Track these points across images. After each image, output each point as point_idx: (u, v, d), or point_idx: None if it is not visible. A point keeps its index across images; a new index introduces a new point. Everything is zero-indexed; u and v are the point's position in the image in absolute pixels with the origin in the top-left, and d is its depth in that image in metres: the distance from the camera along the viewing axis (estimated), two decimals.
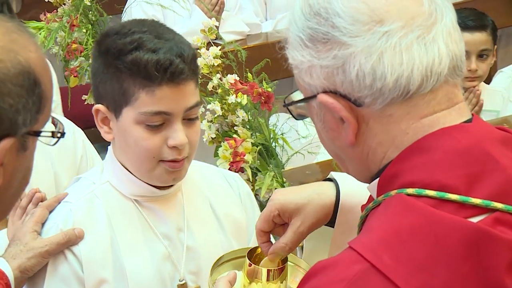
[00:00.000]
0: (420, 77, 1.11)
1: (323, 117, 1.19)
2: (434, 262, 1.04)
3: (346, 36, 1.12)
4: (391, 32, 1.11)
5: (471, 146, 1.11)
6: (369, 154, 1.18)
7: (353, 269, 1.06)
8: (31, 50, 1.11)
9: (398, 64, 1.10)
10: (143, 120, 1.67)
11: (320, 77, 1.16)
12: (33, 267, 1.71)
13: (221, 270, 1.64)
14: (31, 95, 1.09)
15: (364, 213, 1.20)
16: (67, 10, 3.98)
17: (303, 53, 1.17)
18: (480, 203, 1.07)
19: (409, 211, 1.08)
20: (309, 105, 1.21)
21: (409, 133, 1.14)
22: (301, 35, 1.17)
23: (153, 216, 1.81)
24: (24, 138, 1.10)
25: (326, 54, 1.14)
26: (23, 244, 1.72)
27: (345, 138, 1.17)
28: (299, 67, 1.19)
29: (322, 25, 1.14)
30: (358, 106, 1.14)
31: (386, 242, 1.07)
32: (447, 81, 1.14)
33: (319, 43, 1.15)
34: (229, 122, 2.77)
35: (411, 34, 1.11)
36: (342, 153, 1.23)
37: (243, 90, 2.71)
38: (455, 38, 1.15)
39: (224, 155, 2.63)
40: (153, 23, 1.75)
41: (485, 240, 1.04)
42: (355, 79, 1.12)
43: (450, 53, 1.13)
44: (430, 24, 1.13)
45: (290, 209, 1.50)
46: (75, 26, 3.85)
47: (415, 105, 1.13)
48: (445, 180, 1.09)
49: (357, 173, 1.25)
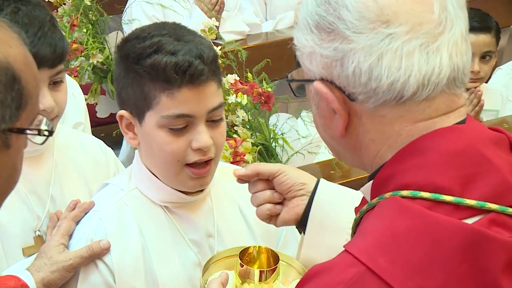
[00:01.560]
0: (416, 85, 1.10)
1: (318, 103, 1.20)
2: (430, 264, 1.04)
3: (350, 30, 1.11)
4: (395, 35, 1.10)
5: (465, 147, 1.11)
6: (361, 148, 1.18)
7: (350, 273, 1.05)
8: (11, 45, 1.09)
9: (396, 68, 1.10)
10: (165, 123, 1.65)
11: (318, 65, 1.16)
12: (56, 281, 1.70)
13: (212, 270, 1.64)
14: (9, 91, 1.07)
15: (358, 215, 1.20)
16: (67, 10, 3.98)
17: (307, 38, 1.17)
18: (475, 204, 1.07)
19: (404, 213, 1.08)
20: (307, 87, 1.22)
21: (403, 134, 1.14)
22: (309, 19, 1.17)
23: (183, 223, 1.78)
24: (5, 135, 1.08)
25: (328, 44, 1.14)
26: (47, 258, 1.71)
27: (336, 129, 1.18)
28: (302, 50, 1.19)
29: (329, 14, 1.14)
30: (352, 100, 1.14)
31: (382, 245, 1.06)
32: (444, 91, 1.13)
33: (323, 32, 1.15)
34: (229, 122, 2.77)
35: (415, 40, 1.10)
36: (333, 142, 1.23)
37: (243, 90, 2.71)
38: (461, 50, 1.13)
39: (224, 155, 2.63)
40: (173, 25, 1.74)
41: (480, 241, 1.04)
42: (351, 75, 1.12)
43: (452, 65, 1.12)
44: (438, 33, 1.11)
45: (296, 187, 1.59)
46: (75, 26, 3.85)
47: (408, 110, 1.12)
48: (439, 181, 1.09)
49: (348, 160, 1.26)
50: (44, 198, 1.94)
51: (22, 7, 1.76)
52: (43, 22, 1.77)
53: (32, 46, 1.69)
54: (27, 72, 1.11)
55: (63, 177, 1.99)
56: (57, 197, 1.96)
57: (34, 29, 1.75)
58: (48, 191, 1.95)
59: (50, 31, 1.78)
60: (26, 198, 1.90)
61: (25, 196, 1.90)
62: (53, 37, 1.78)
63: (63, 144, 2.02)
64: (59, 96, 1.84)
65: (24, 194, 1.90)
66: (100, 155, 2.11)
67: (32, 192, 1.92)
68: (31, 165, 1.89)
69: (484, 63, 3.41)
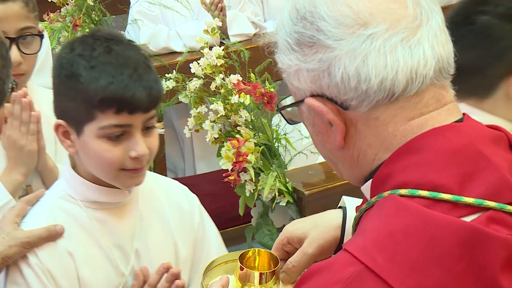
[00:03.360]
0: (405, 80, 1.11)
1: (312, 120, 1.20)
2: (428, 262, 1.04)
3: (330, 39, 1.12)
4: (375, 35, 1.11)
5: (463, 145, 1.11)
6: (359, 156, 1.18)
7: (348, 271, 1.06)
8: None
9: (382, 66, 1.10)
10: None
11: (307, 81, 1.16)
12: (14, 255, 1.74)
13: (212, 275, 1.63)
14: None
15: (358, 214, 1.20)
16: (70, 10, 3.99)
17: (290, 57, 1.18)
18: (473, 202, 1.07)
19: (402, 211, 1.08)
20: (299, 109, 1.22)
21: (397, 135, 1.14)
22: (289, 39, 1.17)
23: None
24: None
25: (312, 57, 1.14)
26: (5, 233, 1.75)
27: (334, 141, 1.18)
28: (287, 71, 1.19)
29: (308, 29, 1.15)
30: (345, 109, 1.14)
31: (380, 243, 1.07)
32: (434, 83, 1.14)
33: (305, 47, 1.15)
34: (232, 122, 2.77)
35: (395, 36, 1.11)
36: (333, 156, 1.23)
37: (246, 90, 2.70)
38: (441, 40, 1.15)
39: (227, 155, 2.62)
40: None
41: (479, 239, 1.04)
42: (340, 82, 1.12)
43: (436, 55, 1.13)
44: (415, 26, 1.12)
45: (297, 234, 1.55)
46: (78, 26, 3.85)
47: (401, 107, 1.13)
48: (437, 180, 1.09)
49: (349, 176, 1.26)
50: (129, 253, 1.84)
51: (114, 47, 1.68)
52: (137, 63, 1.69)
53: (128, 89, 1.64)
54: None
55: (148, 229, 1.87)
56: (142, 252, 1.85)
57: (129, 70, 1.66)
58: (132, 245, 1.84)
59: (146, 73, 1.69)
60: (110, 253, 1.81)
61: (108, 251, 1.81)
62: (148, 79, 1.69)
63: (147, 193, 1.91)
64: (151, 141, 1.75)
65: (107, 249, 1.81)
66: (185, 204, 1.98)
67: (116, 246, 1.83)
68: (116, 217, 1.83)
69: None
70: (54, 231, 1.75)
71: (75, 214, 1.79)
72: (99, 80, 1.63)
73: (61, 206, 1.80)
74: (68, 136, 1.74)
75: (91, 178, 1.78)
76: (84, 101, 1.65)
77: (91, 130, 1.68)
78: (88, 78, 1.64)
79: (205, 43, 2.84)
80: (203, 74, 2.76)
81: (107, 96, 1.63)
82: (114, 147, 1.68)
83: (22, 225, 1.79)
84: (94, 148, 1.69)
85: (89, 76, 1.64)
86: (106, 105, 1.64)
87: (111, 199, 1.80)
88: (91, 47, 1.67)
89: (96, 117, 1.66)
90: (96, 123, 1.67)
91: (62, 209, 1.80)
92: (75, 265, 1.76)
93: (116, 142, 1.68)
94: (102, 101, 1.64)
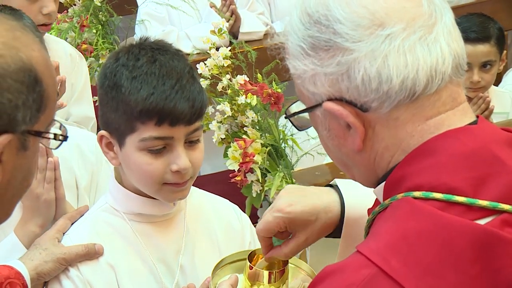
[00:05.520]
0: (426, 78, 1.11)
1: (328, 125, 1.19)
2: (442, 265, 1.04)
3: (348, 41, 1.12)
4: (393, 35, 1.10)
5: (477, 148, 1.11)
6: (376, 159, 1.18)
7: (362, 274, 1.05)
8: (34, 49, 1.10)
9: (403, 66, 1.10)
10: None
11: (324, 85, 1.15)
12: (50, 272, 1.71)
13: (221, 274, 1.64)
14: (31, 92, 1.08)
15: (371, 216, 1.20)
16: (77, 11, 4.00)
17: (305, 62, 1.17)
18: (488, 205, 1.07)
19: (416, 214, 1.08)
20: (313, 114, 1.21)
21: (415, 135, 1.14)
22: (302, 44, 1.16)
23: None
24: (24, 136, 1.10)
25: (329, 61, 1.14)
26: (42, 249, 1.73)
27: (352, 144, 1.17)
28: (302, 77, 1.18)
29: (323, 32, 1.14)
30: (365, 111, 1.14)
31: (394, 246, 1.06)
32: (451, 80, 1.14)
33: (321, 51, 1.14)
34: (238, 123, 2.77)
35: (413, 35, 1.11)
36: (348, 160, 1.22)
37: (253, 91, 2.71)
38: (455, 37, 1.15)
39: (234, 156, 2.63)
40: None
41: (493, 242, 1.04)
42: (360, 84, 1.12)
43: (452, 52, 1.13)
44: (431, 24, 1.13)
45: (297, 224, 1.48)
46: (85, 26, 3.87)
47: (420, 106, 1.13)
48: (452, 182, 1.08)
49: (363, 179, 1.25)
50: (174, 268, 1.79)
51: (159, 57, 1.64)
52: (181, 74, 1.64)
53: (169, 100, 1.60)
54: (48, 76, 1.12)
55: (195, 244, 1.82)
56: (187, 267, 1.81)
57: (172, 81, 1.62)
58: (178, 260, 1.80)
59: (189, 83, 1.64)
60: (153, 267, 1.76)
61: (152, 265, 1.76)
62: (191, 90, 1.64)
63: (195, 207, 1.86)
64: (195, 155, 1.69)
65: (151, 263, 1.76)
66: (235, 222, 1.92)
67: (161, 261, 1.78)
68: (161, 231, 1.79)
69: (485, 72, 3.35)
70: (93, 249, 1.72)
71: (118, 227, 1.76)
72: (140, 91, 1.60)
73: (105, 218, 1.77)
74: (111, 147, 1.70)
75: (135, 190, 1.74)
76: (125, 112, 1.62)
77: (133, 142, 1.64)
78: (129, 88, 1.61)
79: (212, 44, 2.84)
80: (209, 74, 2.76)
81: (147, 107, 1.60)
82: (155, 160, 1.64)
83: (64, 237, 1.77)
84: (136, 161, 1.65)
85: (130, 86, 1.61)
86: (146, 117, 1.60)
87: (155, 211, 1.77)
88: (135, 57, 1.64)
89: (137, 128, 1.62)
90: (137, 135, 1.63)
91: (105, 221, 1.77)
92: (117, 278, 1.72)
93: (158, 155, 1.64)
94: (142, 113, 1.60)
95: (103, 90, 1.67)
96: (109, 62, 1.68)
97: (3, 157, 1.08)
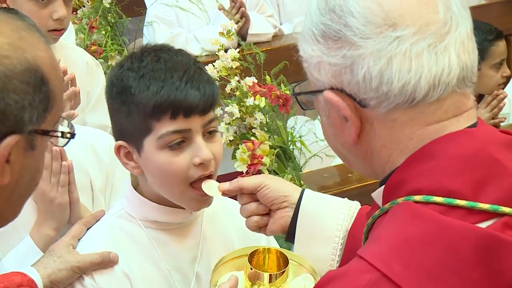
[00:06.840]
0: (427, 86, 1.10)
1: (328, 112, 1.19)
2: (444, 270, 1.03)
3: (357, 36, 1.11)
4: (402, 38, 1.10)
5: (476, 151, 1.10)
6: (373, 155, 1.18)
7: (364, 279, 1.05)
8: (39, 49, 1.10)
9: (406, 70, 1.10)
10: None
11: (327, 74, 1.15)
12: (63, 280, 1.70)
13: (222, 271, 1.64)
14: (37, 93, 1.08)
15: (371, 220, 1.19)
16: (86, 12, 4.01)
17: (313, 48, 1.17)
18: (488, 208, 1.07)
19: (417, 218, 1.07)
20: (316, 98, 1.21)
21: (414, 138, 1.13)
22: (314, 29, 1.16)
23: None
24: (31, 136, 1.10)
25: (335, 52, 1.13)
26: (57, 256, 1.72)
27: (348, 136, 1.17)
28: (309, 61, 1.19)
29: (335, 22, 1.13)
30: (363, 107, 1.14)
31: (396, 251, 1.06)
32: (455, 91, 1.12)
33: (330, 40, 1.14)
34: (247, 125, 2.77)
35: (423, 41, 1.10)
36: (343, 150, 1.23)
37: (261, 92, 2.70)
38: (468, 48, 1.13)
39: (242, 158, 2.62)
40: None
41: (494, 245, 1.04)
42: (361, 81, 1.12)
43: (461, 64, 1.12)
44: (444, 33, 1.11)
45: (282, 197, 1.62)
46: (94, 28, 3.87)
47: (420, 112, 1.12)
48: (452, 186, 1.08)
49: (359, 168, 1.26)
50: (189, 276, 1.77)
51: (162, 55, 1.65)
52: (187, 66, 1.64)
53: (180, 90, 1.59)
54: (54, 75, 1.12)
55: (211, 252, 1.79)
56: (203, 276, 1.77)
57: (179, 73, 1.61)
58: (194, 268, 1.77)
59: (196, 74, 1.64)
60: (169, 275, 1.74)
61: (168, 274, 1.74)
62: (200, 79, 1.63)
63: (211, 214, 1.83)
64: (215, 147, 1.67)
65: (166, 271, 1.74)
66: None
67: (176, 269, 1.76)
68: (177, 238, 1.76)
69: None
70: (108, 258, 1.70)
71: (133, 234, 1.74)
72: (150, 87, 1.59)
73: (120, 225, 1.75)
74: (131, 157, 1.68)
75: (153, 198, 1.72)
76: (138, 113, 1.61)
77: (151, 142, 1.62)
78: (138, 88, 1.60)
79: (220, 46, 2.84)
80: (218, 76, 2.76)
81: (160, 101, 1.59)
82: (176, 157, 1.62)
83: (79, 244, 1.75)
84: (157, 162, 1.62)
85: (139, 85, 1.60)
86: (160, 112, 1.59)
87: (172, 219, 1.74)
88: (139, 59, 1.64)
89: (153, 127, 1.61)
90: (154, 134, 1.61)
91: (120, 228, 1.75)
92: (131, 286, 1.71)
93: (178, 151, 1.62)
94: (155, 108, 1.59)
95: (113, 99, 1.66)
96: (114, 71, 1.67)
97: (11, 158, 1.08)
